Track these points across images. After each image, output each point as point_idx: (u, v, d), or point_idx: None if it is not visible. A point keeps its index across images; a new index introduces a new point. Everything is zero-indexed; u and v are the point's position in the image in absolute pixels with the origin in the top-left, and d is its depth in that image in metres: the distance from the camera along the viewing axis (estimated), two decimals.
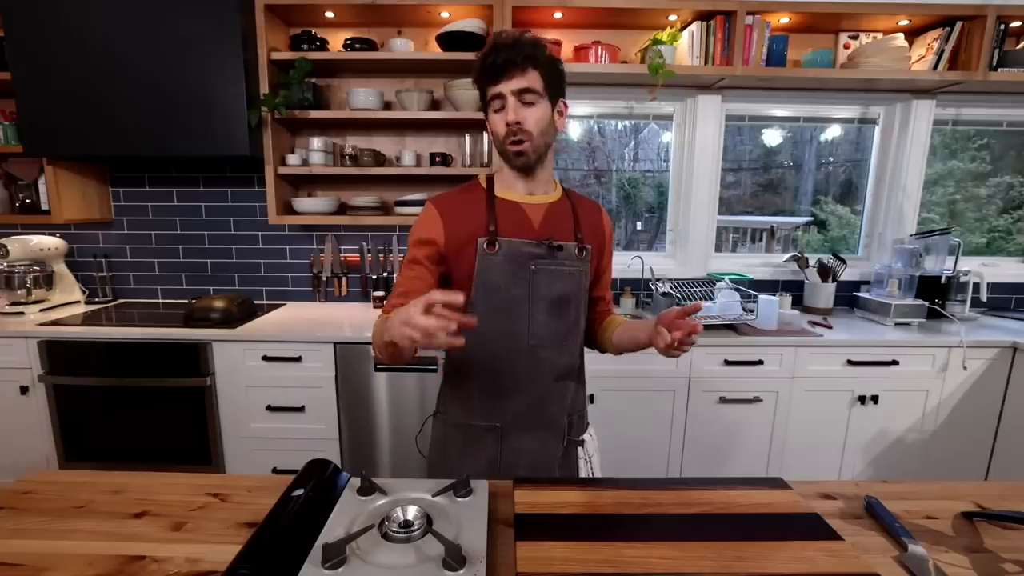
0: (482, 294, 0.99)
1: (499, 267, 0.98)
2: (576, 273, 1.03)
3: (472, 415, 1.03)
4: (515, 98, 0.94)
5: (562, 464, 1.06)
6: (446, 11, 2.09)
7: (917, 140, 2.37)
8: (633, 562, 0.68)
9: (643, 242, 2.76)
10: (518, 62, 0.92)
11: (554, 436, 1.04)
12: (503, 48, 0.92)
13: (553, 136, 1.01)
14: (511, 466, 1.02)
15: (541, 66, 0.94)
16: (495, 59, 0.92)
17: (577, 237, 1.03)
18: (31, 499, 0.86)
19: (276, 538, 0.70)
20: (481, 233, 0.98)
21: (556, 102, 0.99)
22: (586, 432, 1.12)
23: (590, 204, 1.11)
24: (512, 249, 0.98)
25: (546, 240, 0.99)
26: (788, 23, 2.19)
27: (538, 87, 0.94)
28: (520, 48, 0.92)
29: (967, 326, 2.12)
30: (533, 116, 0.95)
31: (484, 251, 0.97)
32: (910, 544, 0.74)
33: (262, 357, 1.94)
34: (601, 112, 2.47)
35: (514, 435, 1.02)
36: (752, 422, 2.01)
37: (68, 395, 1.97)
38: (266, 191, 2.16)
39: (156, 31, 1.94)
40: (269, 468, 2.01)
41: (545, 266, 0.99)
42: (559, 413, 1.05)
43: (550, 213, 1.03)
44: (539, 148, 0.97)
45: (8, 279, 2.16)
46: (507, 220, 1.00)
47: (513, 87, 0.93)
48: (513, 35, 0.94)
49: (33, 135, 2.04)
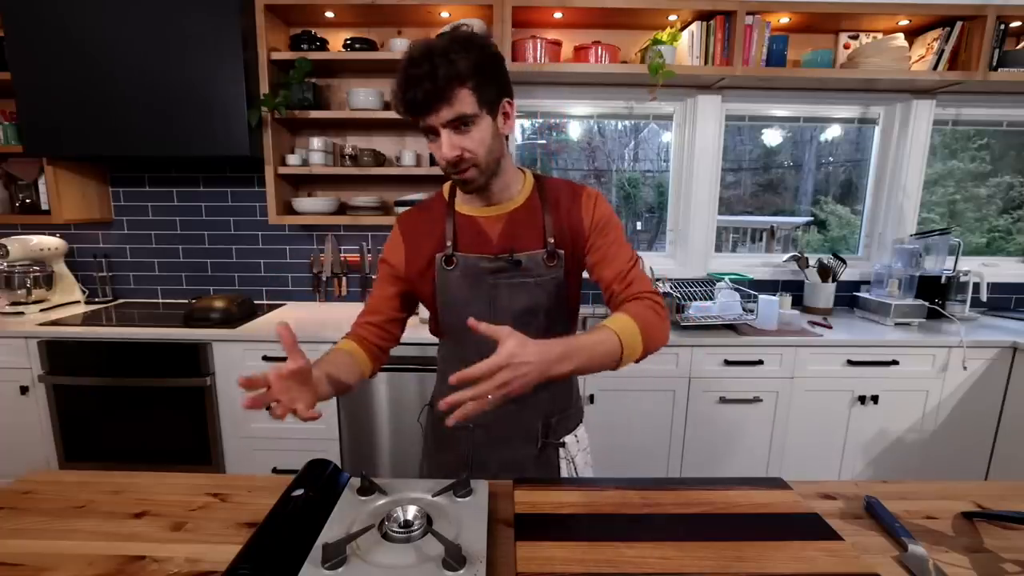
0: (445, 310, 0.98)
1: (457, 284, 0.96)
2: (544, 282, 0.96)
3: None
4: (448, 129, 0.82)
5: (538, 464, 1.05)
6: (446, 11, 2.09)
7: (917, 140, 2.37)
8: (633, 562, 0.68)
9: (643, 242, 2.76)
10: (441, 92, 0.79)
11: (526, 439, 1.04)
12: (419, 79, 0.78)
13: (502, 146, 0.91)
14: (481, 464, 1.04)
15: (470, 79, 0.80)
16: (414, 95, 0.80)
17: (546, 243, 0.95)
18: (31, 499, 0.86)
19: (276, 538, 0.70)
20: (440, 250, 0.96)
21: (498, 107, 0.87)
22: (571, 433, 1.09)
23: (566, 190, 0.99)
24: (468, 265, 0.95)
25: (505, 255, 0.94)
26: (788, 23, 2.19)
27: (471, 108, 0.81)
28: (438, 72, 0.77)
29: (967, 326, 2.12)
30: (473, 140, 0.84)
31: (443, 267, 0.96)
32: (910, 544, 0.74)
33: (262, 357, 1.94)
34: (601, 112, 2.47)
35: (485, 437, 1.04)
36: (752, 422, 2.01)
37: (68, 395, 1.97)
38: (266, 191, 2.16)
39: (156, 31, 1.94)
40: (269, 468, 2.01)
41: (506, 280, 0.95)
42: (532, 418, 1.03)
43: (511, 222, 0.96)
44: (488, 167, 0.88)
45: (8, 279, 2.16)
46: (465, 235, 0.96)
47: (444, 118, 0.81)
48: (426, 52, 0.78)
49: (33, 135, 2.04)
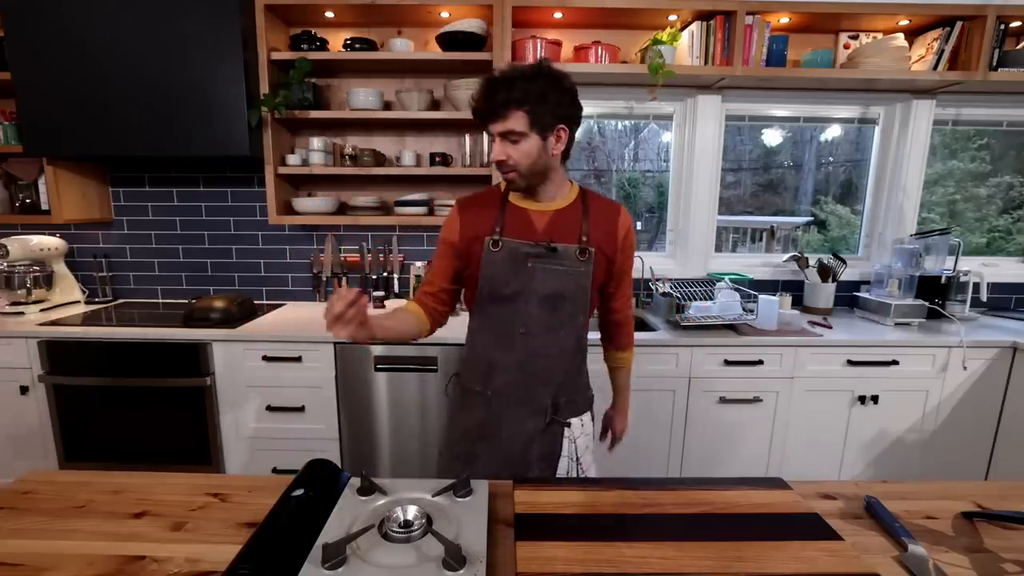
0: (485, 284, 1.13)
1: (499, 263, 1.11)
2: (574, 273, 1.11)
3: (471, 380, 1.20)
4: (500, 138, 1.04)
5: (544, 439, 1.17)
6: (446, 11, 2.09)
7: (917, 140, 2.37)
8: (633, 562, 0.68)
9: (643, 242, 2.76)
10: (498, 111, 1.01)
11: (536, 411, 1.16)
12: (485, 97, 1.02)
13: (550, 161, 1.08)
14: (494, 427, 1.17)
15: (526, 104, 1.00)
16: (478, 106, 1.04)
17: (581, 240, 1.11)
18: (31, 499, 0.86)
19: (276, 538, 0.70)
20: (489, 233, 1.12)
21: (550, 131, 1.05)
22: (578, 417, 1.21)
23: (608, 206, 1.17)
24: (512, 248, 1.11)
25: (544, 242, 1.10)
26: (788, 23, 2.19)
27: (521, 128, 1.02)
28: (502, 94, 1.00)
29: (967, 326, 2.12)
30: (518, 152, 1.04)
31: (489, 249, 1.11)
32: (910, 544, 0.74)
33: (262, 357, 1.94)
34: (601, 112, 2.47)
35: (499, 402, 1.16)
36: (752, 422, 2.01)
37: (68, 395, 1.97)
38: (266, 191, 2.16)
39: (156, 31, 1.94)
40: (269, 468, 2.01)
41: (542, 265, 1.10)
42: (544, 393, 1.16)
43: (556, 218, 1.13)
44: (530, 176, 1.07)
45: (8, 279, 2.16)
46: (513, 223, 1.13)
47: (497, 130, 1.03)
48: (503, 78, 1.01)
49: (33, 135, 2.04)
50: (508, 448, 1.15)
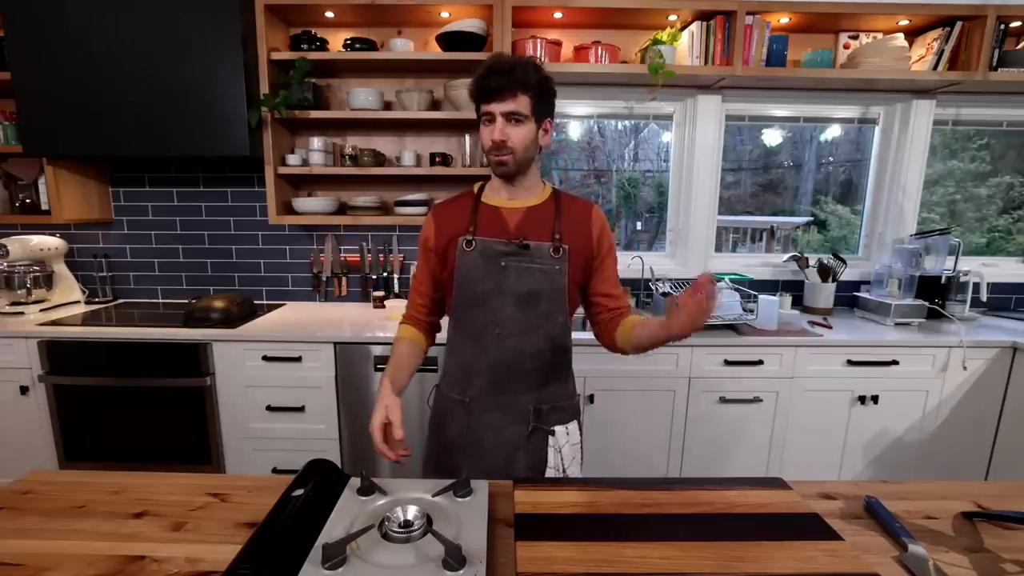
0: (459, 286, 1.12)
1: (473, 262, 1.11)
2: (549, 271, 1.10)
3: (450, 388, 1.19)
4: (503, 118, 1.04)
5: (528, 448, 1.13)
6: (446, 11, 2.09)
7: (917, 140, 2.37)
8: (633, 562, 0.68)
9: (643, 242, 2.76)
10: (509, 87, 1.02)
11: (517, 418, 1.13)
12: (498, 73, 1.02)
13: (536, 152, 1.11)
14: (477, 439, 1.14)
15: (531, 90, 1.04)
16: (489, 82, 1.03)
17: (554, 237, 1.11)
18: (31, 499, 0.86)
19: (276, 538, 0.70)
20: (463, 233, 1.12)
21: (542, 122, 1.09)
22: (563, 425, 1.16)
23: (580, 205, 1.17)
24: (485, 247, 1.10)
25: (517, 240, 1.10)
26: (788, 23, 2.19)
27: (525, 111, 1.04)
28: (514, 74, 1.02)
29: (967, 326, 2.12)
30: (517, 135, 1.05)
31: (463, 249, 1.11)
32: (910, 544, 0.74)
33: (262, 357, 1.94)
34: (601, 112, 2.47)
35: (480, 410, 1.14)
36: (752, 422, 2.01)
37: (68, 395, 1.97)
38: (266, 191, 2.16)
39: (156, 31, 1.94)
40: (269, 468, 2.01)
41: (515, 263, 1.10)
42: (524, 399, 1.13)
43: (529, 215, 1.13)
44: (521, 162, 1.08)
45: (8, 279, 2.16)
46: (486, 222, 1.13)
47: (503, 109, 1.04)
48: (510, 61, 1.04)
49: (33, 135, 2.04)
50: (492, 459, 1.12)
